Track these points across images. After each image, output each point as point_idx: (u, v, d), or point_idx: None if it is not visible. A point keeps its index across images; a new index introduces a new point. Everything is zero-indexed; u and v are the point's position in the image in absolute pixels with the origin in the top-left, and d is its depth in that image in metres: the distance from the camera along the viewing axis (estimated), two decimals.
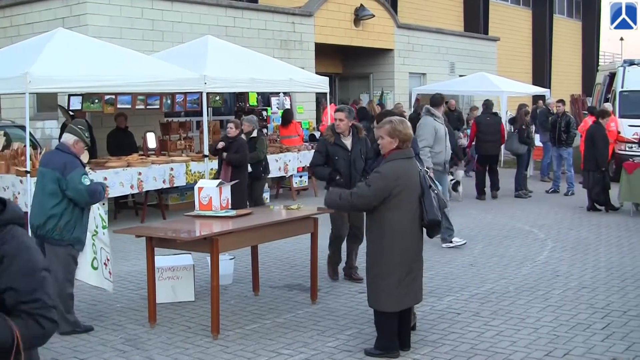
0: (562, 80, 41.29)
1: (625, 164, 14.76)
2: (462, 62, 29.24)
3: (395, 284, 6.53)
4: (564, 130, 18.02)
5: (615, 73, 22.51)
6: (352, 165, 9.16)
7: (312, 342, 7.13)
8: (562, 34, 42.98)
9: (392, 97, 25.41)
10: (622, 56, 50.30)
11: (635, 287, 9.18)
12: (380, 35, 25.18)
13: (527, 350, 6.85)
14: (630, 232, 12.87)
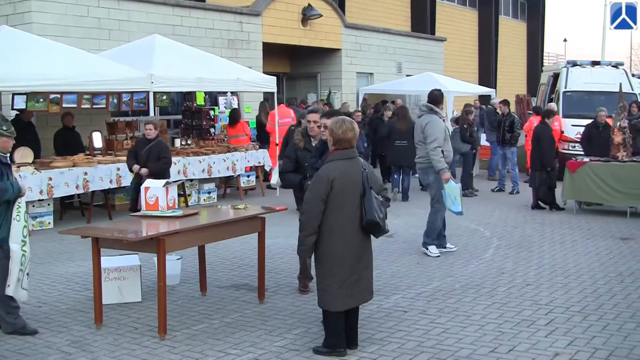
0: (507, 80, 41.80)
1: (568, 162, 15.02)
2: (409, 62, 29.46)
3: (338, 285, 6.58)
4: (508, 129, 18.28)
5: (559, 73, 22.87)
6: None
7: (260, 341, 7.14)
8: (508, 34, 43.49)
9: (339, 97, 25.49)
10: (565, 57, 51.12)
11: (577, 283, 9.35)
12: (328, 35, 25.24)
13: (473, 347, 6.94)
14: (573, 230, 13.10)
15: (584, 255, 11.07)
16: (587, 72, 22.37)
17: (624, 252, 11.29)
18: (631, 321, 7.80)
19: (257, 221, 8.44)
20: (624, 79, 21.40)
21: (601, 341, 7.14)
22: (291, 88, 27.43)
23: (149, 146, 11.77)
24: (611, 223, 13.83)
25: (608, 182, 14.37)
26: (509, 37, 43.64)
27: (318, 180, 6.59)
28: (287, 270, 9.99)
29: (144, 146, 11.86)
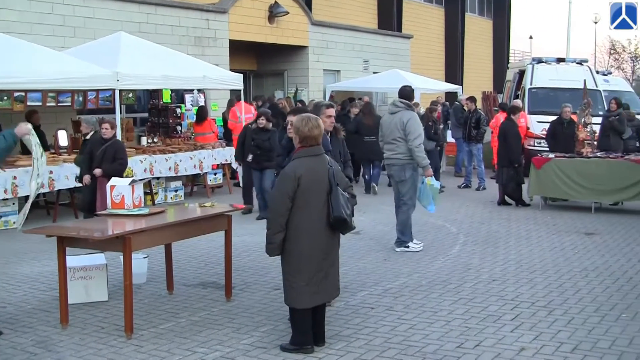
0: (474, 77, 42.04)
1: (534, 159, 15.16)
2: (376, 59, 29.53)
3: (305, 282, 6.60)
4: (475, 126, 18.40)
5: (524, 70, 23.04)
6: None
7: (227, 339, 7.13)
8: (474, 32, 43.73)
9: (306, 94, 25.50)
10: (531, 54, 51.51)
11: (543, 278, 9.44)
12: (295, 32, 25.24)
13: (440, 343, 6.98)
14: (538, 226, 13.22)
15: (550, 250, 11.17)
16: (552, 69, 22.57)
17: (588, 247, 11.41)
18: (595, 315, 7.88)
19: (224, 219, 8.43)
20: (588, 75, 21.62)
21: (566, 335, 7.22)
22: (258, 85, 27.39)
23: (105, 146, 11.43)
24: (576, 218, 13.97)
25: (573, 178, 14.52)
26: (475, 34, 43.88)
27: (284, 178, 6.60)
28: (255, 267, 9.98)
29: (99, 146, 11.51)
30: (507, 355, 6.68)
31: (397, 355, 6.66)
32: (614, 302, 8.40)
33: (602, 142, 16.72)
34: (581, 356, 6.66)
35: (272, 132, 13.69)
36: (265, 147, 13.58)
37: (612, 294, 8.75)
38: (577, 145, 15.23)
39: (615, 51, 76.28)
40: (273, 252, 6.75)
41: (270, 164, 13.02)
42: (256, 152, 13.68)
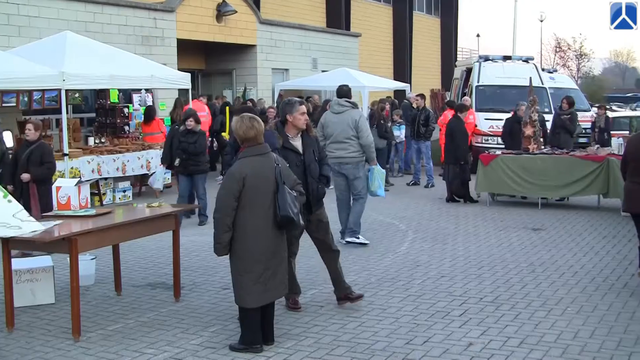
0: (422, 75, 42.32)
1: (481, 156, 15.31)
2: (325, 58, 29.58)
3: (253, 281, 6.60)
4: (423, 124, 18.53)
5: (471, 68, 23.24)
6: (307, 171, 7.90)
7: (175, 340, 7.10)
8: (422, 30, 44.01)
9: (255, 93, 25.46)
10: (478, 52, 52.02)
11: (491, 274, 9.54)
12: (243, 31, 25.18)
13: (389, 340, 7.03)
14: (486, 222, 13.35)
15: (497, 246, 11.30)
16: (498, 66, 22.79)
17: (535, 242, 11.56)
18: (542, 309, 8.00)
19: (172, 219, 8.39)
20: (534, 73, 21.86)
21: (513, 330, 7.32)
22: (206, 84, 27.29)
23: (30, 149, 10.86)
24: (523, 214, 14.14)
25: (520, 174, 14.70)
26: (423, 33, 44.17)
27: (230, 178, 6.60)
28: (204, 267, 9.94)
29: (25, 149, 10.95)
30: (455, 351, 6.75)
31: (346, 353, 6.69)
32: (559, 296, 8.54)
33: (552, 139, 17.01)
34: (528, 350, 6.75)
35: (200, 135, 12.96)
36: (191, 150, 12.76)
37: (558, 288, 8.88)
38: (524, 142, 15.41)
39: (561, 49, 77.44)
40: (221, 251, 6.74)
41: (198, 169, 12.87)
42: (181, 155, 12.85)
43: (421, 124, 18.58)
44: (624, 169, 8.72)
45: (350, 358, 6.59)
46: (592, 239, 11.82)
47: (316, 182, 7.98)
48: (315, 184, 7.94)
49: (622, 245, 11.31)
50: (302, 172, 7.80)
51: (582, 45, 77.60)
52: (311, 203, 7.87)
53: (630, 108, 42.16)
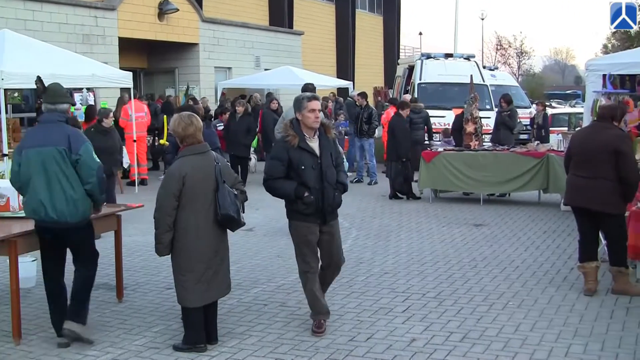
0: (365, 73, 42.46)
1: (423, 153, 15.43)
2: (268, 56, 29.57)
3: (194, 280, 6.58)
4: (366, 121, 18.61)
5: (414, 66, 23.42)
6: (323, 176, 7.10)
7: (119, 341, 7.04)
8: (365, 28, 44.16)
9: (198, 92, 25.32)
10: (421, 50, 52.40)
11: (433, 270, 9.63)
12: (185, 29, 25.06)
13: (332, 337, 7.06)
14: (429, 218, 13.47)
15: (440, 242, 11.40)
16: (440, 64, 23.02)
17: (477, 238, 11.70)
18: (483, 304, 8.10)
19: (113, 219, 8.31)
20: (475, 70, 22.14)
21: (456, 325, 7.40)
22: (149, 83, 27.09)
23: None
24: (465, 210, 14.30)
25: (462, 170, 14.85)
26: (366, 31, 44.32)
27: (169, 177, 6.58)
28: (147, 267, 9.88)
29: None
30: (398, 347, 6.80)
31: (290, 351, 6.70)
32: (501, 290, 8.65)
33: (494, 136, 17.28)
34: (470, 345, 6.84)
35: (112, 133, 12.52)
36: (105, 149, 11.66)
37: (500, 283, 9.00)
38: (465, 139, 15.58)
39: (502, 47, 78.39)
40: (162, 251, 6.70)
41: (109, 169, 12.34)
42: None
43: (364, 122, 18.66)
44: (567, 163, 8.87)
45: (294, 356, 6.61)
46: (533, 234, 12.01)
47: (333, 188, 7.15)
48: (332, 190, 7.13)
49: (561, 240, 11.50)
50: (318, 177, 7.05)
51: (522, 43, 78.72)
52: (325, 212, 7.12)
53: (570, 105, 42.87)
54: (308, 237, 7.13)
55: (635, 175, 8.29)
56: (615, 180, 8.23)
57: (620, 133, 8.53)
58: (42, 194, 6.75)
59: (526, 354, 6.61)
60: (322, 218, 7.13)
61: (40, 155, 6.74)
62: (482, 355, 6.58)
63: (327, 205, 7.09)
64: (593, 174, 8.32)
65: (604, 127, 8.49)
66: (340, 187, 7.29)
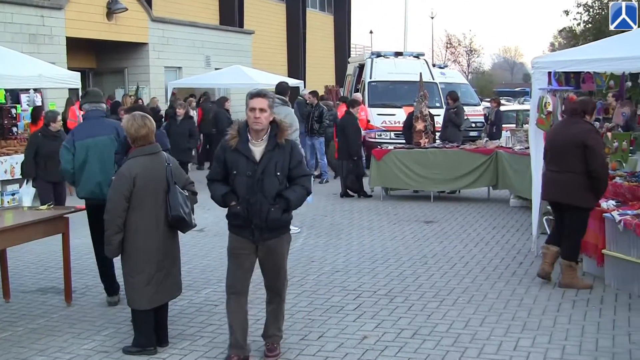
0: (316, 71, 42.49)
1: (374, 151, 15.51)
2: (218, 56, 29.43)
3: (145, 282, 6.53)
4: (317, 120, 18.63)
5: (364, 64, 23.50)
6: (256, 186, 6.21)
7: (67, 345, 6.96)
8: (316, 27, 44.18)
9: (147, 92, 25.13)
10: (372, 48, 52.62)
11: (384, 267, 9.68)
12: (134, 29, 24.85)
13: (284, 336, 7.03)
14: (380, 216, 13.53)
15: (391, 239, 11.46)
16: (390, 62, 23.13)
17: (427, 234, 11.78)
18: (434, 300, 8.17)
19: (61, 221, 8.22)
20: (425, 68, 22.28)
21: (406, 322, 7.45)
22: (98, 84, 26.73)
23: None
24: (416, 207, 14.39)
25: (412, 168, 14.95)
26: (316, 30, 44.34)
27: (120, 178, 6.52)
28: (96, 270, 9.69)
29: None
30: (349, 345, 6.82)
31: None
32: (451, 286, 8.73)
33: (442, 134, 17.45)
34: (421, 341, 6.89)
35: (61, 137, 11.68)
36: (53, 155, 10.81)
37: (450, 279, 9.08)
38: (415, 137, 15.67)
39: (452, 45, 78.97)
40: (113, 253, 6.65)
41: None
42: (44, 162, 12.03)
43: (315, 121, 18.67)
44: (544, 158, 9.07)
45: None
46: (483, 230, 12.13)
47: (268, 202, 6.22)
48: (266, 204, 6.20)
49: (510, 235, 11.64)
50: (252, 186, 6.20)
51: (472, 42, 79.40)
52: (253, 226, 6.29)
53: (519, 102, 43.31)
54: (236, 251, 6.51)
55: (603, 170, 8.45)
56: (584, 174, 8.37)
57: (589, 127, 8.67)
58: (99, 177, 8.01)
59: (476, 349, 6.67)
60: (252, 235, 6.32)
61: (97, 144, 8.10)
62: (432, 351, 6.63)
63: (257, 220, 6.22)
64: (562, 168, 8.52)
65: (574, 122, 8.65)
66: (282, 202, 6.26)
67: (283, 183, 6.31)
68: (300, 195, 6.38)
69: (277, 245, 6.44)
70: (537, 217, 10.12)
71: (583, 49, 11.89)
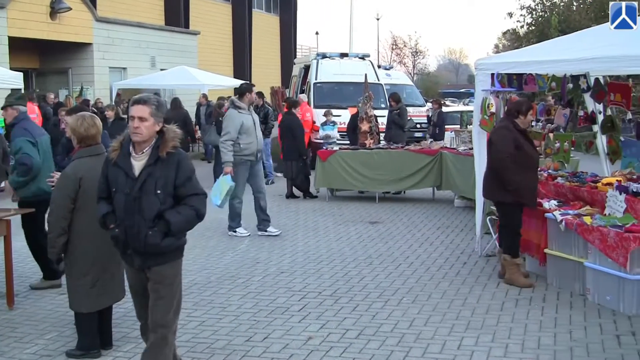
0: (262, 72, 42.50)
1: (319, 152, 15.54)
2: (163, 56, 29.30)
3: (89, 285, 6.47)
4: (262, 121, 18.58)
5: (309, 65, 23.52)
6: (134, 205, 5.44)
7: (8, 350, 6.86)
8: (262, 28, 44.19)
9: (92, 92, 24.90)
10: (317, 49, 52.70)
11: (329, 268, 9.71)
12: (78, 29, 24.61)
13: (229, 338, 7.05)
14: (325, 217, 13.57)
15: (336, 240, 11.51)
16: (336, 63, 23.18)
17: (372, 235, 11.85)
18: (379, 300, 8.22)
19: (2, 224, 8.09)
20: (370, 69, 22.39)
21: (351, 322, 7.49)
22: (42, 84, 26.47)
23: None
24: (361, 208, 14.46)
25: (357, 169, 15.00)
26: (262, 30, 44.35)
27: (65, 179, 6.45)
28: (39, 273, 9.59)
29: None
30: (294, 346, 6.84)
31: (187, 354, 6.66)
32: (396, 287, 8.79)
33: (386, 135, 17.56)
34: (365, 341, 6.93)
35: None
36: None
37: (395, 279, 9.14)
38: (360, 137, 15.75)
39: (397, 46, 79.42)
40: (56, 255, 6.58)
41: None
42: None
43: (260, 122, 18.61)
44: None
45: (191, 358, 6.57)
46: (427, 230, 12.24)
47: (146, 225, 5.42)
48: (144, 227, 5.41)
49: (455, 235, 11.77)
50: (129, 206, 5.44)
51: (417, 43, 79.92)
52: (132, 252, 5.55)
53: (464, 103, 43.75)
54: (129, 281, 5.84)
55: (496, 164, 8.70)
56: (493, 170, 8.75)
57: (501, 125, 9.02)
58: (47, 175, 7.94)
59: (420, 349, 6.73)
60: (131, 261, 5.60)
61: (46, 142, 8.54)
62: (377, 351, 6.68)
63: (136, 245, 5.47)
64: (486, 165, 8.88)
65: (501, 122, 8.91)
66: (161, 225, 5.41)
67: (166, 203, 5.44)
68: (186, 218, 5.50)
69: (166, 273, 5.59)
70: (480, 217, 10.26)
71: (525, 51, 12.09)
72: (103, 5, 28.25)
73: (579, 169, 11.52)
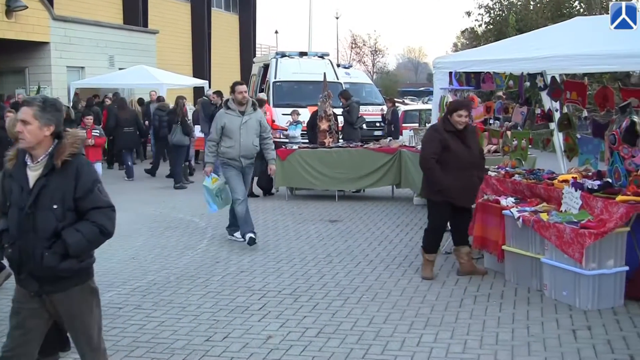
0: (221, 71, 42.31)
1: (278, 150, 15.46)
2: (122, 55, 29.07)
3: None
4: None
5: (269, 64, 23.52)
6: (27, 222, 4.69)
7: None
8: (221, 27, 44.02)
9: (49, 92, 24.62)
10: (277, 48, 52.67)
11: (289, 267, 9.72)
12: (35, 27, 24.33)
13: (188, 338, 7.02)
14: (285, 216, 13.57)
15: (296, 239, 11.51)
16: (295, 62, 23.22)
17: (332, 234, 11.87)
18: (338, 299, 8.24)
19: None
20: (329, 68, 22.47)
21: (311, 320, 7.50)
22: None
23: None
24: (321, 207, 14.48)
25: (317, 168, 15.02)
26: (222, 29, 44.18)
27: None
28: None
29: None
30: (254, 345, 6.83)
31: (146, 354, 6.63)
32: (355, 285, 8.82)
33: (343, 133, 17.61)
34: (325, 339, 6.94)
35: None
36: None
37: (354, 277, 9.17)
38: (320, 136, 15.77)
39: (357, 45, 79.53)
40: None
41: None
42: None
43: None
44: None
45: (150, 359, 6.54)
46: (387, 228, 12.29)
47: (43, 245, 4.67)
48: (39, 247, 4.67)
49: (414, 233, 11.82)
50: (22, 222, 4.70)
51: (376, 42, 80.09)
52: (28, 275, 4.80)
53: (423, 102, 43.99)
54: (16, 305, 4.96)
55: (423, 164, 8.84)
56: None
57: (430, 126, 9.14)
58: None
59: (380, 346, 6.76)
60: (26, 286, 4.84)
61: None
62: (337, 349, 6.69)
63: (32, 267, 4.74)
64: None
65: None
66: (58, 246, 4.68)
67: (65, 219, 4.73)
68: (87, 236, 4.75)
69: (70, 301, 4.92)
70: None
71: (483, 50, 12.21)
72: (60, 4, 27.95)
73: (536, 166, 11.62)
